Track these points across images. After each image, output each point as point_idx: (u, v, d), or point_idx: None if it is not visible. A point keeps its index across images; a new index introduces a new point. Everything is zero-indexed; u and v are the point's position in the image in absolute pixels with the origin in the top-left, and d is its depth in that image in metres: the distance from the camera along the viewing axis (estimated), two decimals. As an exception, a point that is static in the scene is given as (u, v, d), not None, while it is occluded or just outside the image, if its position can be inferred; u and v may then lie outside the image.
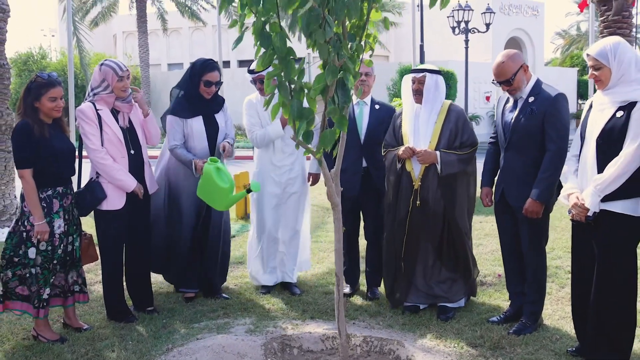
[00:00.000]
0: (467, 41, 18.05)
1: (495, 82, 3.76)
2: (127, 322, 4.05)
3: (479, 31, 18.56)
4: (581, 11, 10.05)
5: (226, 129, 4.59)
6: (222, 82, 4.46)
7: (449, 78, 22.89)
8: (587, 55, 3.12)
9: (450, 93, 23.09)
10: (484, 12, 18.38)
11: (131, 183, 3.97)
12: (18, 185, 7.73)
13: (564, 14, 72.84)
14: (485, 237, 6.46)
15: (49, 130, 3.67)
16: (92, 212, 4.03)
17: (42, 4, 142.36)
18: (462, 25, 18.06)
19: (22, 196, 3.70)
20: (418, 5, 19.09)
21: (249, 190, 4.25)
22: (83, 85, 23.49)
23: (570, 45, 39.20)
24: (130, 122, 4.09)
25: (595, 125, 3.11)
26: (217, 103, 4.53)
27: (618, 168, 2.95)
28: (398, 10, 28.54)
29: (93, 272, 5.02)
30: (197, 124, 4.40)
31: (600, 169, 3.04)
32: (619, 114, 3.01)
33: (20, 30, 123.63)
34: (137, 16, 28.51)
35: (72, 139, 5.01)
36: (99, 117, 3.92)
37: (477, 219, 6.53)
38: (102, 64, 3.98)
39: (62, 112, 3.80)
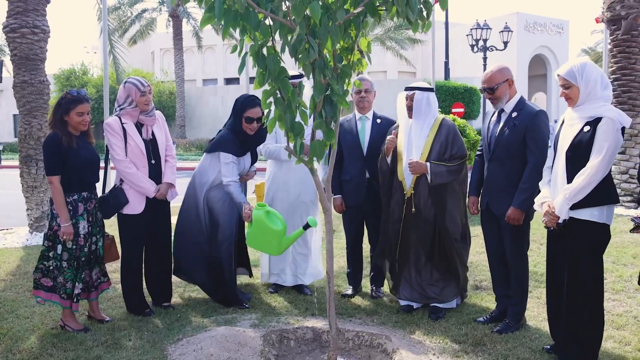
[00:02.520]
0: (485, 58, 18.13)
1: (481, 88, 3.97)
2: (145, 315, 4.33)
3: (496, 49, 18.63)
4: (597, 23, 10.11)
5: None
6: (262, 118, 4.38)
7: (472, 94, 22.95)
8: (558, 75, 3.31)
9: (474, 109, 23.14)
10: (502, 31, 18.45)
11: (152, 189, 4.28)
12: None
13: (589, 31, 71.83)
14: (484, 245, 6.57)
15: (77, 141, 4.00)
16: (116, 216, 4.34)
17: (84, 22, 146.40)
18: (481, 43, 18.14)
19: (51, 200, 4.02)
20: (444, 23, 19.30)
21: (306, 227, 3.88)
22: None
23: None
24: (152, 134, 4.39)
25: (565, 139, 3.28)
26: (262, 137, 4.67)
27: (585, 178, 3.12)
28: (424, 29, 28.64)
29: (118, 272, 5.31)
30: (247, 161, 4.63)
31: (570, 179, 3.21)
32: (586, 128, 3.18)
33: (64, 47, 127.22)
34: (173, 34, 29.34)
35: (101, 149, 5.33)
36: (124, 129, 4.24)
37: (478, 229, 6.65)
38: (125, 82, 4.30)
39: (88, 124, 4.10)
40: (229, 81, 39.54)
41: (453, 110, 18.50)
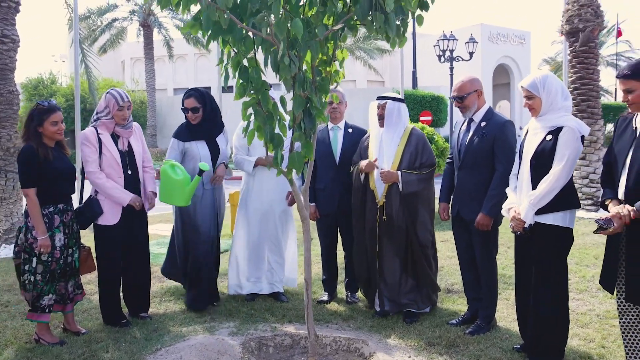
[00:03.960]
0: (451, 68, 18.48)
1: (451, 96, 4.09)
2: (122, 326, 4.29)
3: (462, 59, 19.01)
4: (561, 36, 10.46)
5: (226, 151, 4.90)
6: (198, 108, 4.61)
7: (440, 103, 23.30)
8: (522, 87, 3.44)
9: (441, 117, 23.48)
10: (468, 42, 18.84)
11: (125, 197, 4.23)
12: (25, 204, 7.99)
13: (550, 42, 73.75)
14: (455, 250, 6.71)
15: (52, 152, 3.95)
16: (92, 227, 4.30)
17: (53, 30, 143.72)
18: (447, 53, 18.48)
19: (25, 212, 3.95)
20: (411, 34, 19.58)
21: (200, 173, 4.33)
22: (92, 110, 23.88)
23: (556, 71, 39.68)
24: (129, 145, 4.38)
25: (529, 148, 3.41)
26: (215, 128, 4.79)
27: (548, 185, 3.24)
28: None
29: (93, 284, 5.27)
30: (202, 148, 4.68)
31: (534, 186, 3.33)
32: (549, 137, 3.31)
33: (32, 56, 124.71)
34: (144, 43, 29.04)
35: (78, 159, 5.27)
36: (100, 140, 4.21)
37: (449, 234, 6.79)
38: (108, 92, 4.30)
39: (63, 134, 4.05)
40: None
41: (421, 118, 18.77)
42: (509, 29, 34.56)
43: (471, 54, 18.91)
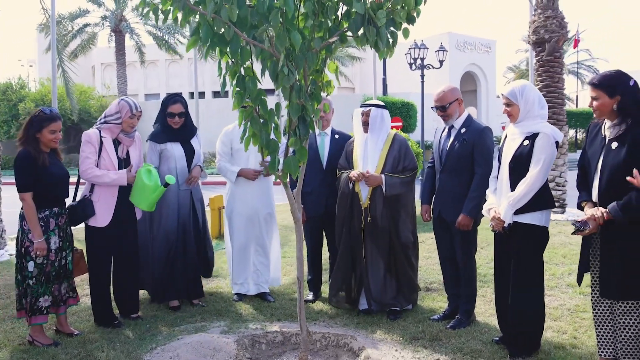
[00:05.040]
0: (422, 76, 18.85)
1: (433, 106, 4.28)
2: (114, 327, 4.36)
3: (433, 67, 19.42)
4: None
5: (200, 152, 5.06)
6: (184, 113, 4.82)
7: (409, 109, 23.67)
8: (502, 94, 3.65)
9: (411, 122, 23.85)
10: (438, 50, 19.26)
11: (123, 176, 4.32)
12: (5, 209, 7.92)
13: (514, 50, 75.64)
14: (434, 250, 6.91)
15: (48, 158, 4.00)
16: (84, 229, 4.36)
17: (20, 35, 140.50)
18: (419, 61, 18.85)
19: (21, 216, 3.99)
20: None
21: (165, 185, 4.45)
22: (66, 115, 23.57)
23: (520, 79, 40.71)
24: (127, 153, 4.47)
25: (508, 152, 3.62)
26: (190, 131, 4.95)
27: (526, 187, 3.45)
28: (362, 47, 29.36)
29: (81, 287, 5.27)
30: (177, 149, 4.81)
31: (513, 188, 3.53)
32: (526, 142, 3.52)
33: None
34: (115, 49, 28.74)
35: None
36: (101, 143, 4.30)
37: (429, 235, 7.01)
38: (122, 99, 4.44)
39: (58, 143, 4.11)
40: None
41: (392, 124, 19.03)
42: (476, 38, 35.36)
43: (441, 62, 19.33)
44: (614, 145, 3.08)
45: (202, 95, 36.38)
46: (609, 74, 3.17)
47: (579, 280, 3.36)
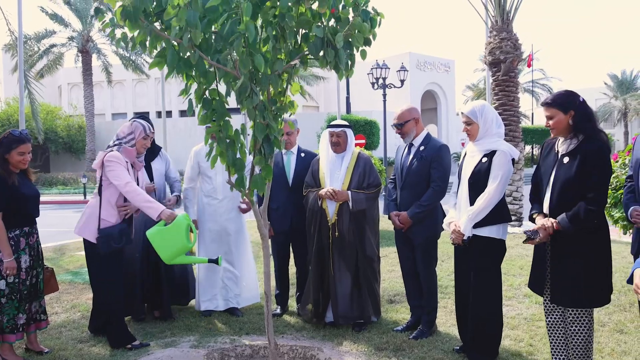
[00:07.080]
0: (384, 95, 19.16)
1: (393, 124, 4.38)
2: (135, 348, 4.16)
3: (394, 86, 19.77)
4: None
5: (169, 172, 5.08)
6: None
7: (372, 127, 23.97)
8: (462, 113, 3.77)
9: (374, 140, 24.15)
10: (399, 70, 19.63)
11: (158, 210, 4.01)
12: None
13: (472, 69, 77.51)
14: (397, 264, 7.00)
15: (17, 178, 3.95)
16: (85, 252, 4.24)
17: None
18: (380, 81, 19.17)
19: None
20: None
21: (211, 261, 3.97)
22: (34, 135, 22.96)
23: (478, 97, 41.81)
24: (137, 178, 4.35)
25: (467, 169, 3.73)
26: (152, 152, 4.93)
27: (484, 202, 3.57)
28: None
29: (52, 304, 5.19)
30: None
31: (472, 202, 3.64)
32: (484, 160, 3.64)
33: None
34: (82, 69, 28.42)
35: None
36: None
37: (392, 249, 7.10)
38: (135, 120, 4.40)
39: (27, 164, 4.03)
40: (138, 115, 38.63)
41: (355, 141, 19.23)
42: (435, 58, 36.11)
43: (402, 81, 19.69)
44: (566, 160, 3.20)
45: (169, 114, 36.14)
46: (560, 93, 3.30)
47: (535, 288, 3.45)
